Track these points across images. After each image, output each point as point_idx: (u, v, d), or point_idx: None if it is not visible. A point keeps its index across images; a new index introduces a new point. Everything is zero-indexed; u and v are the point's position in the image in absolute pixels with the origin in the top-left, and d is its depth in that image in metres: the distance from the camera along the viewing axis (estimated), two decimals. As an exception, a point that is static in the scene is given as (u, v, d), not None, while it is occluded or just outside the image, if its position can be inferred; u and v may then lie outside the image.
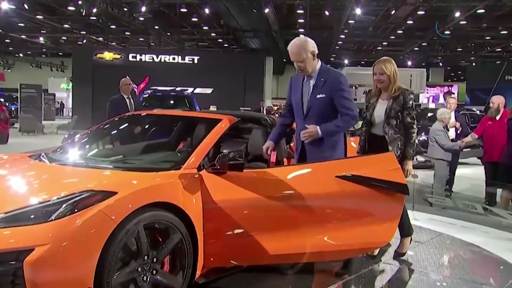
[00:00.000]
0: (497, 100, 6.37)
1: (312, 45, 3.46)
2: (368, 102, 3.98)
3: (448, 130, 6.73)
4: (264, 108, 15.21)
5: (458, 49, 30.59)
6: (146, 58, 22.39)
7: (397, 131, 3.78)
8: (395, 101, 3.77)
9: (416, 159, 3.78)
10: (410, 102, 3.76)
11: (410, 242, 4.13)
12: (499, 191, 6.26)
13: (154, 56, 22.48)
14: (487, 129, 6.46)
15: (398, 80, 3.81)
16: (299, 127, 3.57)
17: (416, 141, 3.96)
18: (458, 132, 6.96)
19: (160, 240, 2.89)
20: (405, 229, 4.02)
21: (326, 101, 3.44)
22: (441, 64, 36.76)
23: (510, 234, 5.28)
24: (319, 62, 3.52)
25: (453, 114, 6.98)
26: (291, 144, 4.12)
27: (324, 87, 3.45)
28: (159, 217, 2.84)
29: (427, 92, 28.63)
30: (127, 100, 6.48)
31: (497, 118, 6.37)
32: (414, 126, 3.78)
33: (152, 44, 29.10)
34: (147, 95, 13.28)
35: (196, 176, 3.12)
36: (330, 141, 3.47)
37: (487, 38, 26.41)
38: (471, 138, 6.62)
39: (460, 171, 7.13)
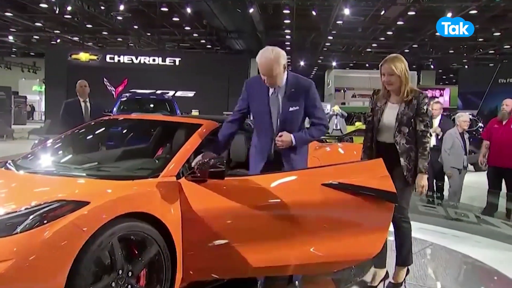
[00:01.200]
0: (510, 103, 6.05)
1: (284, 58, 3.30)
2: (374, 105, 3.52)
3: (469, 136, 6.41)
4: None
5: (450, 51, 30.17)
6: (125, 59, 22.01)
7: (409, 140, 3.39)
8: (408, 106, 3.37)
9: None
10: (425, 107, 3.37)
11: (407, 274, 3.65)
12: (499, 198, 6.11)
13: (133, 57, 22.12)
14: (493, 132, 6.17)
15: (409, 81, 3.40)
16: (263, 140, 3.37)
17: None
18: (439, 137, 6.93)
19: (136, 252, 2.76)
20: (402, 257, 3.59)
21: (299, 112, 3.35)
22: (432, 66, 36.03)
23: (502, 244, 5.19)
24: (286, 71, 3.37)
25: (438, 119, 6.94)
26: None
27: (296, 98, 3.32)
28: (135, 228, 2.71)
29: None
30: (83, 104, 6.23)
31: (504, 122, 6.08)
32: (428, 134, 3.39)
33: (131, 44, 28.71)
34: (125, 99, 12.87)
35: (175, 184, 2.99)
36: (299, 153, 3.36)
37: (480, 40, 25.71)
38: (485, 148, 6.21)
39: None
